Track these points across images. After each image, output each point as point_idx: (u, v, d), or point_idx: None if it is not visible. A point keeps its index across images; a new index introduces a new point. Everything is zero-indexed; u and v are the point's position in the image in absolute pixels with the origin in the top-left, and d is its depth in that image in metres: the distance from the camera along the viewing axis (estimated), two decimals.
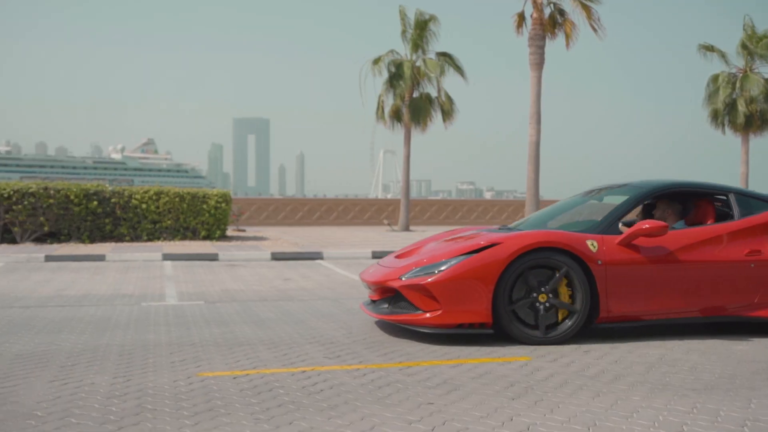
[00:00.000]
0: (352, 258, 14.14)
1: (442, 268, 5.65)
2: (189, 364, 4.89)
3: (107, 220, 16.04)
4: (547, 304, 5.63)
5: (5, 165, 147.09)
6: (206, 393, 4.12)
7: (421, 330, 5.69)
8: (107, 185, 16.76)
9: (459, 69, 27.87)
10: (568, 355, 5.30)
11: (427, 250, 6.27)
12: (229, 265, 12.61)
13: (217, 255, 13.57)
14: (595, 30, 20.74)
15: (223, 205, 17.23)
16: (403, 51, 28.19)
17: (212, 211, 16.98)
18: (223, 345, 5.56)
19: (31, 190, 15.40)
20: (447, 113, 27.88)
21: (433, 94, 28.07)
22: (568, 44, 21.14)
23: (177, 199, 16.67)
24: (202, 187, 18.11)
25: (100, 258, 13.01)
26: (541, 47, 20.91)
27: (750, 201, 6.33)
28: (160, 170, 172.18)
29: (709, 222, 6.38)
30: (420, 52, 28.04)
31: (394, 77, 27.14)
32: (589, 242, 5.73)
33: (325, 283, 9.92)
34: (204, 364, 4.90)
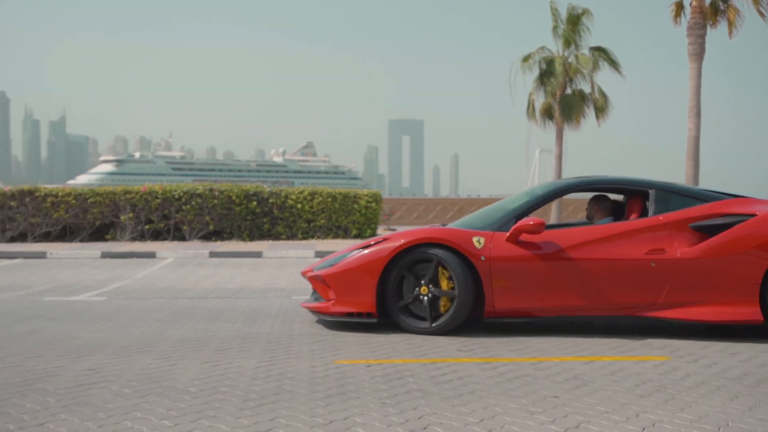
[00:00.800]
0: None
1: (341, 260, 6.10)
2: (328, 352, 5.18)
3: (265, 219, 16.97)
4: (427, 297, 5.84)
5: (180, 169, 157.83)
6: (340, 379, 4.36)
7: (326, 318, 6.17)
8: (265, 186, 17.73)
9: (614, 63, 26.99)
10: (711, 356, 5.10)
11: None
12: None
13: None
14: (762, 15, 19.41)
15: (374, 204, 17.73)
16: (554, 47, 27.66)
17: (363, 211, 17.52)
18: (362, 336, 5.81)
19: (198, 192, 16.60)
20: (600, 109, 27.10)
21: (586, 90, 27.34)
22: (731, 32, 19.93)
23: (330, 199, 17.35)
24: (357, 188, 18.73)
25: (258, 255, 13.82)
26: (701, 36, 19.84)
27: (671, 197, 5.97)
28: (318, 172, 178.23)
29: (632, 219, 6.07)
30: (572, 47, 27.40)
31: (545, 74, 26.72)
32: (475, 239, 5.83)
33: None
34: (341, 352, 5.17)
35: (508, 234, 5.83)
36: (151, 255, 13.68)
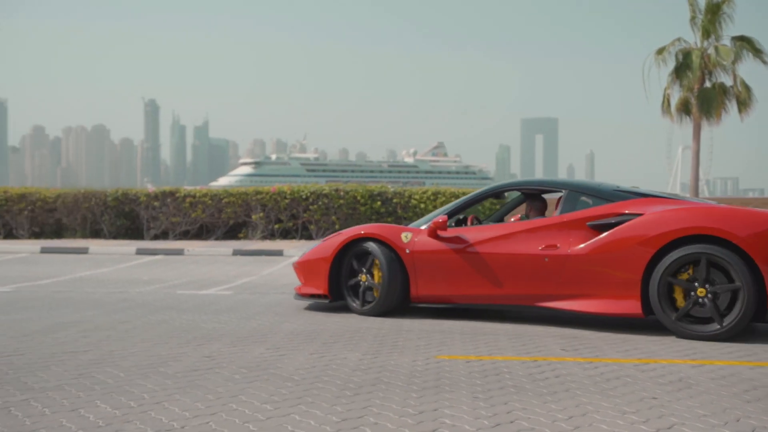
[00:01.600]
0: None
1: (308, 250, 7.37)
2: (432, 347, 5.29)
3: (389, 219, 17.26)
4: (367, 283, 6.82)
5: (314, 170, 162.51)
6: (437, 373, 4.47)
7: (304, 300, 7.24)
8: (389, 186, 18.04)
9: (759, 53, 25.43)
10: None
11: None
12: None
13: None
14: None
15: (497, 206, 17.64)
16: (692, 38, 26.40)
17: (486, 211, 17.47)
18: (468, 333, 5.88)
19: (324, 192, 17.15)
20: (743, 103, 25.61)
21: (728, 83, 25.93)
22: None
23: (453, 199, 17.42)
24: None
25: None
26: None
27: (579, 197, 6.39)
28: (449, 172, 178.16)
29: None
30: (711, 38, 26.06)
31: (681, 67, 25.56)
32: (403, 234, 6.75)
33: None
34: (445, 348, 5.27)
35: (427, 230, 6.64)
36: (279, 253, 14.27)
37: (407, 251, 6.62)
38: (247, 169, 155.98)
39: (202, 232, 17.47)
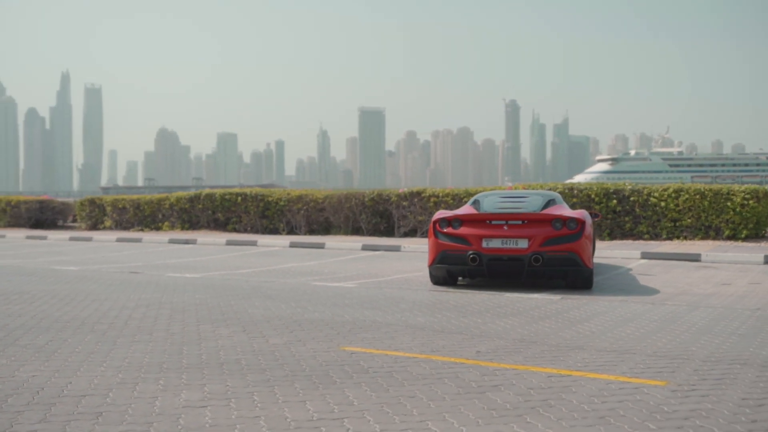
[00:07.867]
0: None
1: None
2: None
3: (627, 218, 16.58)
4: None
5: (677, 165, 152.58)
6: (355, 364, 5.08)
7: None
8: (626, 184, 17.27)
9: None
10: None
11: None
12: (703, 266, 12.02)
13: (699, 256, 12.92)
14: None
15: (751, 202, 15.82)
16: None
17: (737, 209, 15.81)
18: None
19: (557, 191, 17.03)
20: None
21: None
22: None
23: (697, 197, 16.10)
24: None
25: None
26: None
27: None
28: None
29: None
30: None
31: None
32: None
33: None
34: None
35: None
36: None
37: None
38: (603, 166, 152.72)
39: None
